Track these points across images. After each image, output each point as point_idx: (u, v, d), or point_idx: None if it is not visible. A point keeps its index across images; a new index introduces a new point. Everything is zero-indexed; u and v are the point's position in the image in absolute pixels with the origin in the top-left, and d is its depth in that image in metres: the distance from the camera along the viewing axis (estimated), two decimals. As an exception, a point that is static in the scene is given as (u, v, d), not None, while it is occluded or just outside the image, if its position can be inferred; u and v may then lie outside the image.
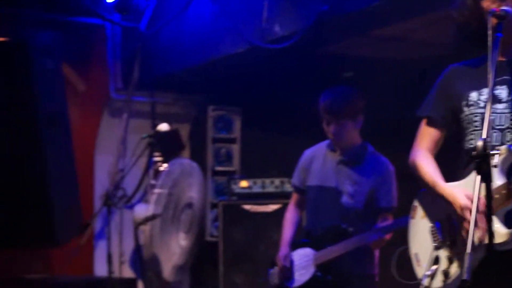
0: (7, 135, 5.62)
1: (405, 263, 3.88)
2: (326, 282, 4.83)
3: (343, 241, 4.77)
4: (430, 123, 3.77)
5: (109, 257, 5.59)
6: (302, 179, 5.16)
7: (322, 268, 4.84)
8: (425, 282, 3.58)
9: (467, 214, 3.32)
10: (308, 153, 5.21)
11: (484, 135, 3.00)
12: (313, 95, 5.19)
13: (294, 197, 5.29)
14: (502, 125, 3.51)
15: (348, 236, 4.80)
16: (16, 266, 6.77)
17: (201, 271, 7.94)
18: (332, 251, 4.79)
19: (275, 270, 5.11)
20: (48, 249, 7.10)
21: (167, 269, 7.10)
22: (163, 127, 6.02)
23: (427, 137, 3.77)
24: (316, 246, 4.91)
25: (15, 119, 5.58)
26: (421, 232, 3.74)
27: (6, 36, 6.16)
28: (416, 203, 3.84)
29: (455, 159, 3.69)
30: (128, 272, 7.61)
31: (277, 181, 7.30)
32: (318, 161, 5.08)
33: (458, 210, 3.40)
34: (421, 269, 3.66)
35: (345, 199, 4.88)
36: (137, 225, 6.50)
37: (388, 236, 4.76)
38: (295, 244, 5.08)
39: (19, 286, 6.45)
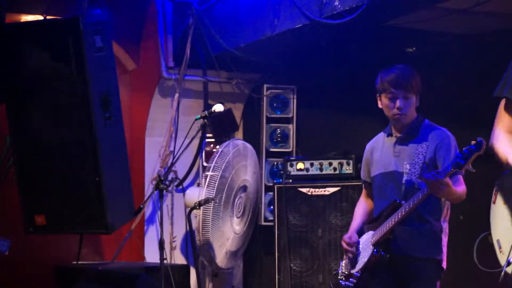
0: (58, 117, 5.52)
1: (487, 250, 3.81)
2: (382, 258, 4.79)
3: (394, 213, 4.73)
4: (510, 104, 3.72)
5: (161, 243, 5.45)
6: (366, 172, 5.17)
7: (379, 246, 4.81)
8: (508, 269, 3.55)
9: None
10: (368, 145, 5.21)
11: None
12: (372, 72, 5.05)
13: (364, 190, 5.31)
14: None
15: None
16: (67, 253, 6.65)
17: (256, 257, 7.78)
18: (385, 226, 4.77)
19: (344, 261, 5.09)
20: (100, 234, 6.98)
21: (220, 255, 6.97)
22: (217, 107, 5.84)
23: (506, 117, 3.74)
24: (376, 227, 4.88)
25: (66, 100, 5.47)
26: (502, 218, 3.68)
27: (57, 15, 6.08)
28: (496, 188, 3.76)
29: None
30: (179, 258, 7.50)
31: (335, 163, 7.04)
32: (378, 150, 5.07)
33: None
34: (504, 256, 3.61)
35: (405, 178, 4.81)
36: (190, 209, 6.38)
37: (448, 180, 4.42)
38: (361, 231, 5.05)
39: (71, 272, 6.33)
